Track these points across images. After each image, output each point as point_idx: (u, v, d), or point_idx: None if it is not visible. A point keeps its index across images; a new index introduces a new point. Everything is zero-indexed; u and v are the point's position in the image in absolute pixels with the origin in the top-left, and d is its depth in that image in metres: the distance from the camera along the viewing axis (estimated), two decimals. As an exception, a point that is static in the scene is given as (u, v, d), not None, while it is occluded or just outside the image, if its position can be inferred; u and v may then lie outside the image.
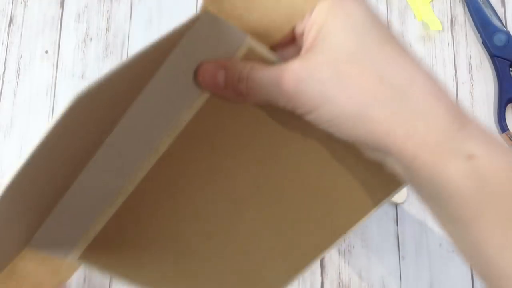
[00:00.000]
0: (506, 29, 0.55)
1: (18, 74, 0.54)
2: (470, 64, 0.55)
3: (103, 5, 0.56)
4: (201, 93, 0.27)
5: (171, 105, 0.27)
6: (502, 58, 0.53)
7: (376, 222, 0.50)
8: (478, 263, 0.23)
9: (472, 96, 0.54)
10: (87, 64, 0.54)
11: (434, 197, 0.23)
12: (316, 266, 0.49)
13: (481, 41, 0.55)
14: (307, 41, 0.24)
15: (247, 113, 0.28)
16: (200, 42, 0.25)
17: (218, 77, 0.25)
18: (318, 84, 0.23)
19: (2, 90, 0.53)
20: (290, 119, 0.26)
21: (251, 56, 0.25)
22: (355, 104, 0.22)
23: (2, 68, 0.54)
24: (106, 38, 0.55)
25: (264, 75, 0.24)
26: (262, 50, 0.26)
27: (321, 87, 0.23)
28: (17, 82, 0.54)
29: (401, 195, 0.50)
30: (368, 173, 0.32)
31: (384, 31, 0.23)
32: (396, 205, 0.50)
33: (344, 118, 0.23)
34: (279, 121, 0.29)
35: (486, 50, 0.55)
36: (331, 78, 0.22)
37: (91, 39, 0.55)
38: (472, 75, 0.54)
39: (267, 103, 0.25)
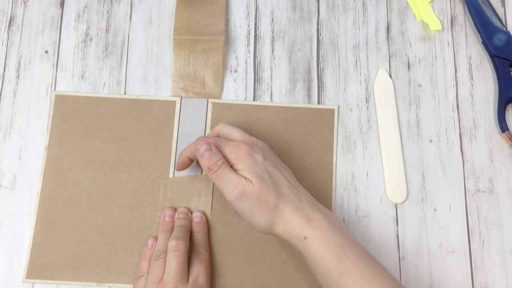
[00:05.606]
0: (506, 29, 0.55)
1: (18, 74, 0.54)
2: (470, 64, 0.55)
3: (103, 5, 0.56)
4: None
5: None
6: (502, 58, 0.53)
7: (376, 222, 0.50)
8: None
9: (472, 96, 0.54)
10: (87, 64, 0.54)
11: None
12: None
13: (481, 41, 0.55)
14: None
15: None
16: None
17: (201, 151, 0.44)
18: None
19: (2, 90, 0.53)
20: None
21: None
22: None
23: (2, 68, 0.54)
24: (106, 38, 0.55)
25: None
26: None
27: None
28: (17, 82, 0.54)
29: (401, 195, 0.50)
30: None
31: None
32: (396, 205, 0.50)
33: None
34: None
35: (486, 50, 0.55)
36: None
37: (91, 39, 0.55)
38: (472, 75, 0.54)
39: None
